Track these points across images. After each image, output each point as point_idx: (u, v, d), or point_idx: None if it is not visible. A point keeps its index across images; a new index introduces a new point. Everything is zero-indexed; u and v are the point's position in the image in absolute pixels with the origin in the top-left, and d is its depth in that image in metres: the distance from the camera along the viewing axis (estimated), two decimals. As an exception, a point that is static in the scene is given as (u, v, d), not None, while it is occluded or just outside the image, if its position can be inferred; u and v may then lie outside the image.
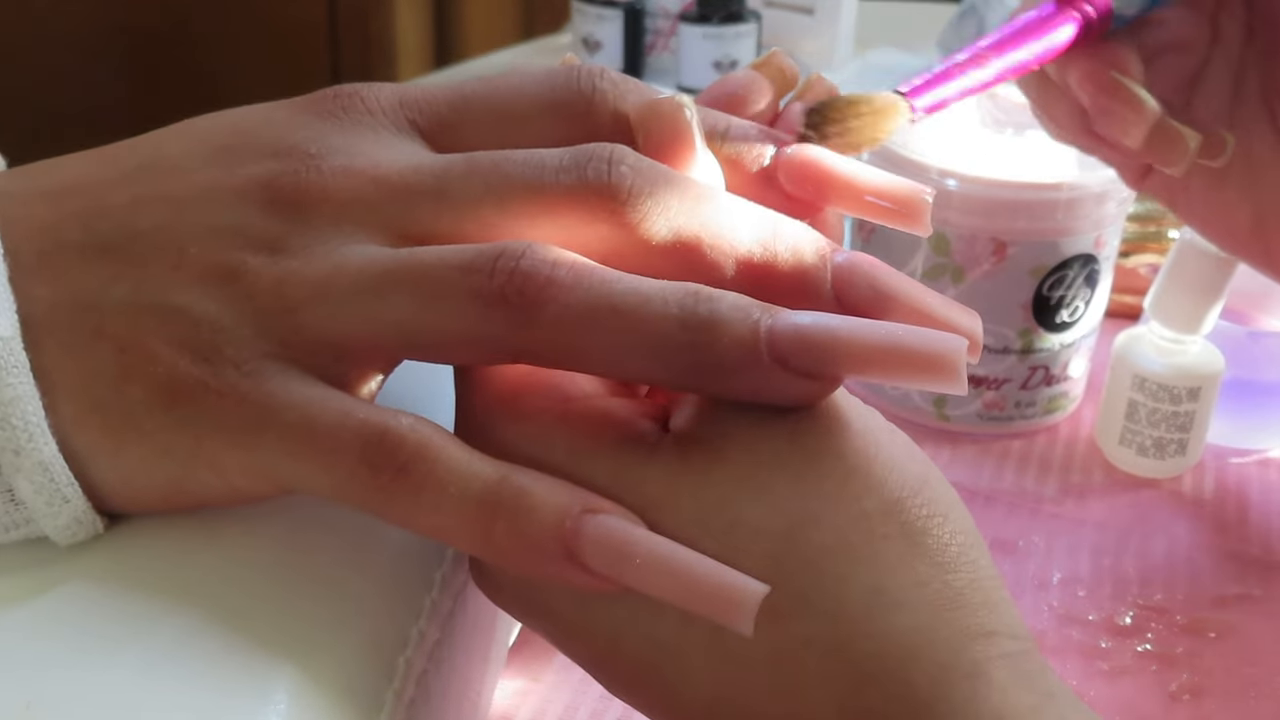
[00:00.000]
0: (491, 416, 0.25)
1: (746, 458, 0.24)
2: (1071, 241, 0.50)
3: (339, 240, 0.24)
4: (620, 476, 0.24)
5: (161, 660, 0.23)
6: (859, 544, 0.23)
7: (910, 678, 0.22)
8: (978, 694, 0.22)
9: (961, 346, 0.23)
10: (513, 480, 0.23)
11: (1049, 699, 0.23)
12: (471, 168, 0.25)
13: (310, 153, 0.25)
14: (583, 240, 0.25)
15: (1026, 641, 0.24)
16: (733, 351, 0.23)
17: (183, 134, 0.26)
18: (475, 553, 0.24)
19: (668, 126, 0.26)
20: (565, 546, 0.22)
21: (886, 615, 0.23)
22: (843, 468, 0.24)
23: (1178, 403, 0.49)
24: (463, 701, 0.30)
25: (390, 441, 0.23)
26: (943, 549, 0.24)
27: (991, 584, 0.24)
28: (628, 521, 0.23)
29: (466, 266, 0.23)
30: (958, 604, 0.23)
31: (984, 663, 0.23)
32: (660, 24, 0.89)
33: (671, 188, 0.25)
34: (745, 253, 0.25)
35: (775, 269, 0.25)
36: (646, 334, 0.23)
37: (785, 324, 0.23)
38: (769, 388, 0.24)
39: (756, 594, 0.22)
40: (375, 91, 0.27)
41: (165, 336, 0.24)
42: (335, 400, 0.24)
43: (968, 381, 0.52)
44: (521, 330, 0.23)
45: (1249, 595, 0.46)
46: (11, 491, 0.24)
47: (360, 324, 0.24)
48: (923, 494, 0.24)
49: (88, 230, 0.24)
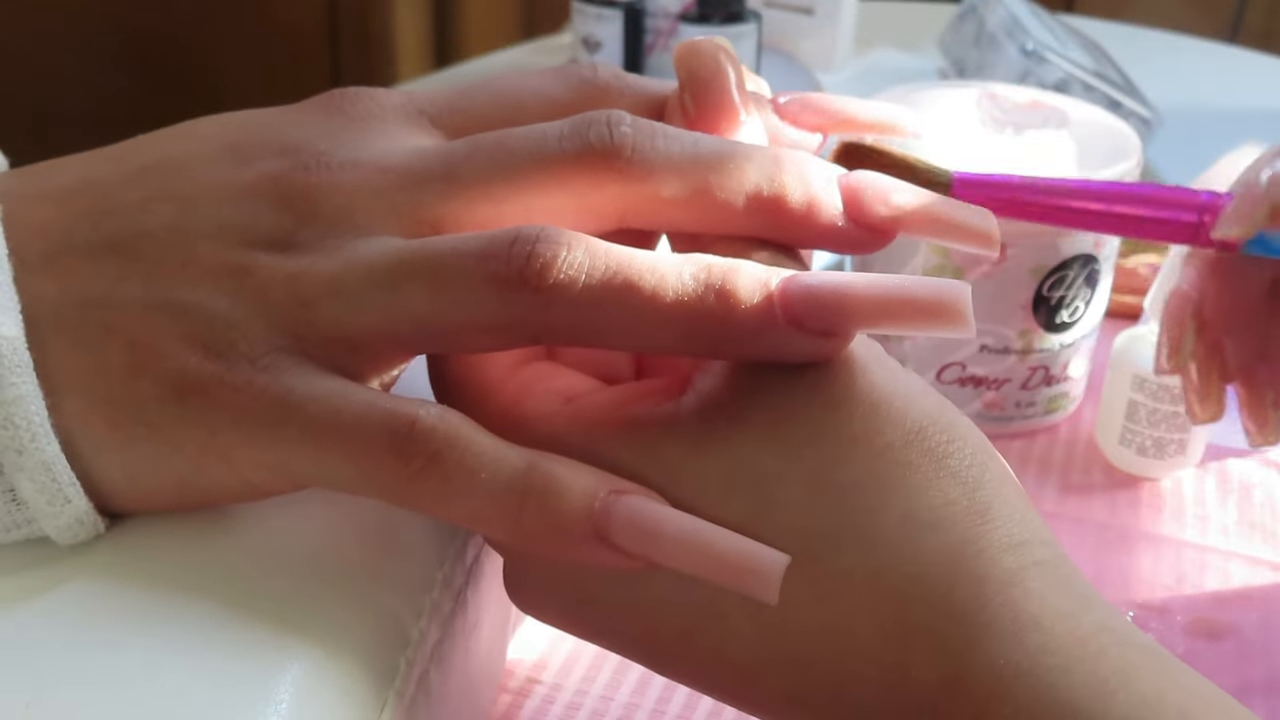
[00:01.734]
0: (503, 418, 0.25)
1: (767, 415, 0.24)
2: (1071, 241, 0.50)
3: (351, 233, 0.25)
4: (641, 454, 0.24)
5: (163, 660, 0.23)
6: (885, 475, 0.24)
7: (951, 592, 0.23)
8: (1015, 601, 0.23)
9: (966, 291, 0.24)
10: (541, 466, 0.23)
11: (1086, 603, 0.23)
12: (475, 148, 0.26)
13: (319, 149, 0.26)
14: (595, 203, 0.25)
15: (1056, 548, 0.24)
16: (750, 318, 0.24)
17: (188, 133, 0.27)
18: (505, 537, 0.24)
19: (708, 63, 0.28)
20: (594, 528, 0.23)
21: (921, 537, 0.23)
22: (862, 409, 0.24)
23: (1178, 403, 0.49)
24: (463, 701, 0.31)
25: (420, 430, 0.23)
26: (966, 470, 0.24)
27: (1017, 497, 0.25)
28: (654, 501, 0.23)
29: (482, 253, 0.23)
30: (987, 518, 0.24)
31: (1019, 571, 0.23)
32: (660, 24, 0.89)
33: (672, 139, 0.25)
34: (754, 189, 0.26)
35: (785, 200, 0.26)
36: (664, 307, 0.24)
37: (797, 286, 0.24)
38: (786, 348, 0.24)
39: (778, 565, 0.23)
40: (382, 91, 0.28)
41: (176, 333, 0.24)
42: (357, 392, 0.24)
43: (967, 381, 0.52)
44: (541, 312, 0.23)
45: (1249, 595, 0.46)
46: (13, 491, 0.24)
47: (376, 317, 0.24)
48: (941, 421, 0.25)
49: (96, 229, 0.24)
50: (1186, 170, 0.64)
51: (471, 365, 0.26)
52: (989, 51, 0.82)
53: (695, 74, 0.28)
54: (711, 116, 0.28)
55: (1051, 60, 0.77)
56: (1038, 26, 0.81)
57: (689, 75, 0.28)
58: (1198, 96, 0.88)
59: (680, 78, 0.29)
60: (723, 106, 0.28)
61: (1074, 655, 0.22)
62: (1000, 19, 0.82)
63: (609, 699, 0.39)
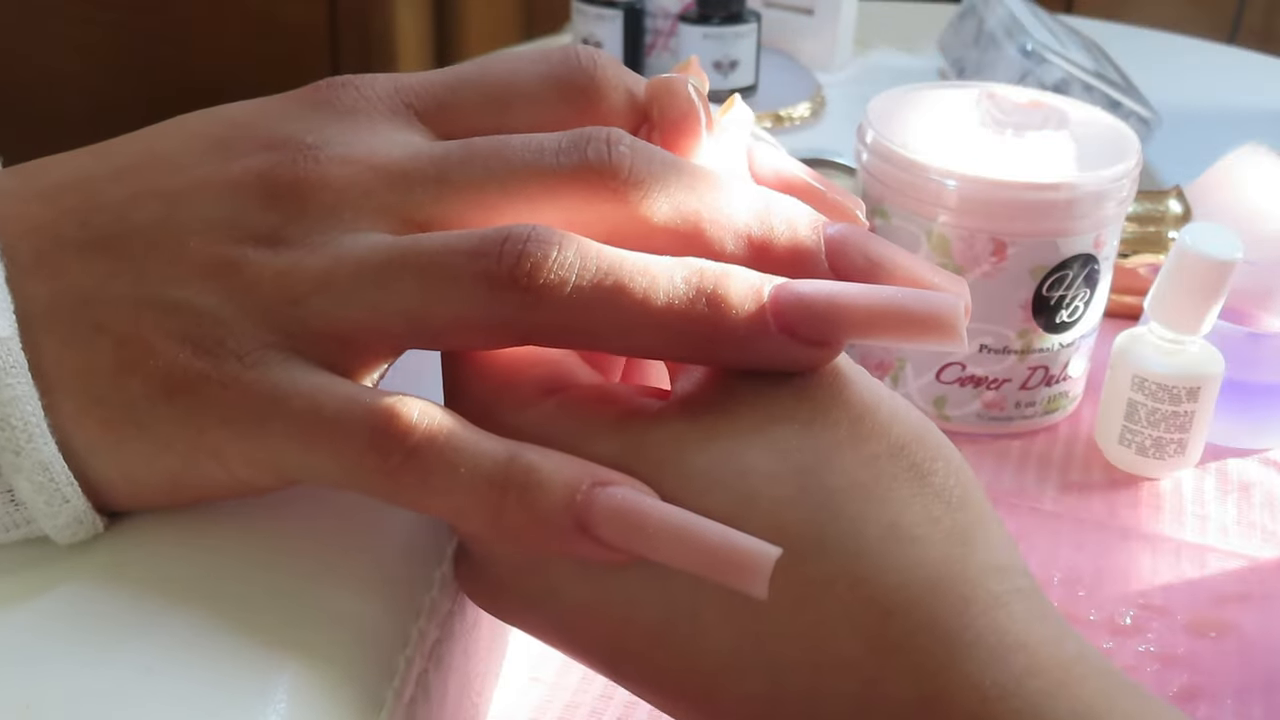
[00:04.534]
0: (489, 409, 0.25)
1: (753, 412, 0.24)
2: (1071, 241, 0.50)
3: (339, 229, 0.24)
4: (626, 446, 0.24)
5: (162, 660, 0.23)
6: (871, 484, 0.24)
7: (934, 608, 0.23)
8: (1000, 624, 0.23)
9: (959, 304, 0.24)
10: (522, 458, 0.23)
11: (1065, 632, 0.23)
12: (471, 153, 0.25)
13: (306, 143, 0.25)
14: (585, 221, 0.25)
15: (1032, 579, 0.24)
16: (741, 324, 0.24)
17: (177, 129, 0.26)
18: (486, 532, 0.23)
19: (680, 101, 0.27)
20: (577, 520, 0.23)
21: (905, 550, 0.23)
22: (850, 416, 0.24)
23: (1177, 403, 0.49)
24: (462, 700, 0.30)
25: (399, 426, 0.23)
26: (948, 490, 0.24)
27: (995, 524, 0.25)
28: (638, 492, 0.23)
29: (473, 251, 0.23)
30: (969, 540, 0.24)
31: (1003, 595, 0.23)
32: (660, 24, 0.89)
33: (669, 167, 0.25)
34: (743, 228, 0.25)
35: (772, 243, 0.25)
36: (655, 310, 0.23)
37: (790, 293, 0.24)
38: (777, 356, 0.24)
39: (769, 557, 0.22)
40: (370, 80, 0.27)
41: (165, 330, 0.24)
42: (340, 387, 0.24)
43: (967, 381, 0.52)
44: (531, 311, 0.23)
45: (1249, 595, 0.46)
46: (11, 492, 0.24)
47: (366, 313, 0.24)
48: (926, 439, 0.25)
49: (85, 227, 0.24)
50: (1186, 170, 0.64)
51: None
52: (989, 51, 0.82)
53: (664, 112, 0.28)
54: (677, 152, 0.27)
55: (1051, 60, 0.77)
56: (1037, 26, 0.81)
57: (659, 116, 0.28)
58: (1198, 96, 0.88)
59: (651, 116, 0.28)
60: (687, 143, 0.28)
61: (1058, 680, 0.22)
62: (1000, 19, 0.82)
63: (609, 699, 0.39)
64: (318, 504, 0.27)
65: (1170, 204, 0.60)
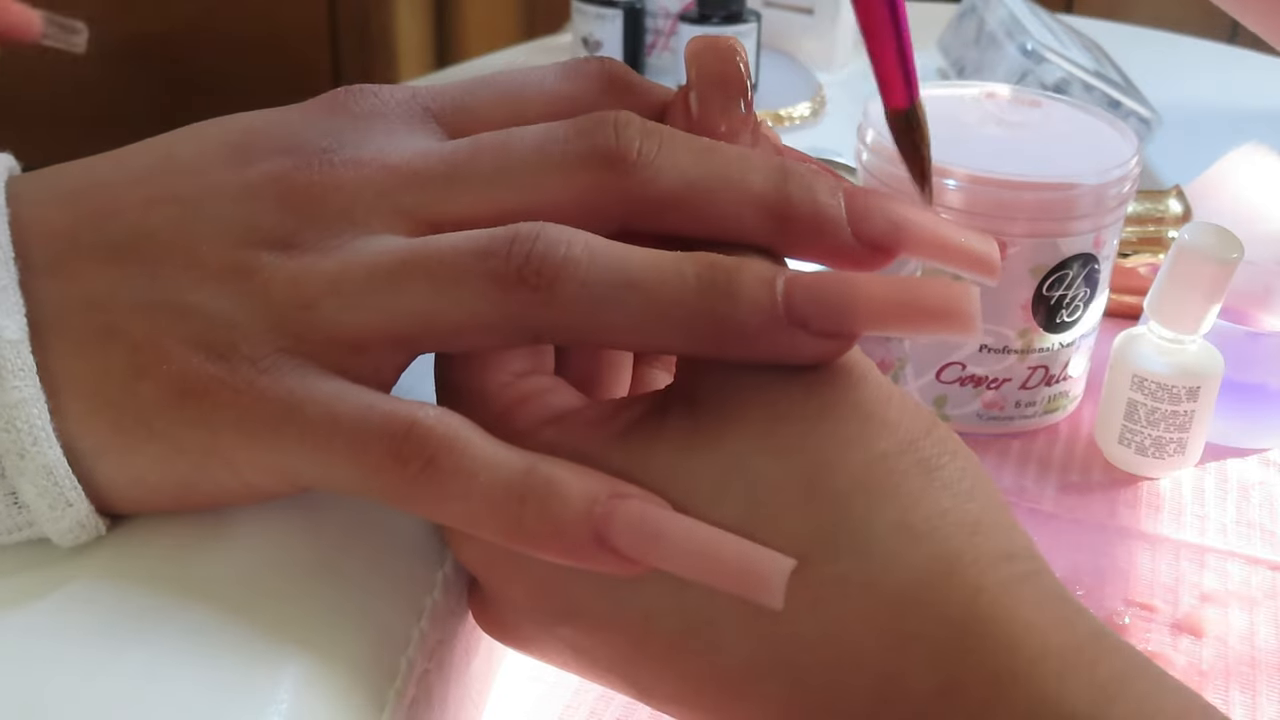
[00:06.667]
0: (493, 434, 0.25)
1: (760, 414, 0.24)
2: (1071, 241, 0.50)
3: (352, 233, 0.24)
4: (632, 457, 0.24)
5: (164, 660, 0.23)
6: (879, 482, 0.24)
7: (946, 601, 0.23)
8: (1010, 609, 0.23)
9: (973, 293, 0.24)
10: (541, 468, 0.23)
11: (1078, 612, 0.24)
12: (479, 147, 0.26)
13: (321, 147, 0.25)
14: (598, 205, 0.25)
15: (1044, 562, 0.25)
16: (753, 317, 0.23)
17: (194, 135, 0.27)
18: (503, 540, 0.23)
19: (723, 59, 0.27)
20: (595, 531, 0.23)
21: (915, 545, 0.23)
22: (858, 414, 0.24)
23: (1177, 402, 0.49)
24: (464, 701, 0.31)
25: (418, 433, 0.23)
26: (957, 482, 0.24)
27: (1004, 513, 0.25)
28: (656, 505, 0.23)
29: (482, 251, 0.23)
30: (979, 530, 0.24)
31: (1012, 581, 0.23)
32: (660, 24, 0.89)
33: (679, 144, 0.25)
34: (760, 197, 0.25)
35: (791, 210, 0.25)
36: (666, 306, 0.23)
37: (803, 285, 0.24)
38: (790, 349, 0.24)
39: (784, 569, 0.22)
40: (387, 88, 0.27)
41: (179, 335, 0.24)
42: (356, 394, 0.24)
43: (967, 381, 0.52)
44: (541, 310, 0.23)
45: (1249, 595, 0.46)
46: (15, 495, 0.24)
47: (377, 316, 0.24)
48: (933, 434, 0.25)
49: (99, 232, 0.25)
50: (1186, 170, 0.64)
51: (471, 372, 0.26)
52: (989, 51, 0.82)
53: (705, 73, 0.28)
54: (715, 120, 0.28)
55: (1051, 60, 0.77)
56: (1038, 26, 0.81)
57: (699, 74, 0.28)
58: (1198, 96, 0.88)
59: (689, 75, 0.28)
60: (729, 111, 0.28)
61: (1070, 662, 0.22)
62: (1000, 19, 0.82)
63: (609, 699, 0.39)
64: (319, 505, 0.27)
65: (1170, 204, 0.60)
